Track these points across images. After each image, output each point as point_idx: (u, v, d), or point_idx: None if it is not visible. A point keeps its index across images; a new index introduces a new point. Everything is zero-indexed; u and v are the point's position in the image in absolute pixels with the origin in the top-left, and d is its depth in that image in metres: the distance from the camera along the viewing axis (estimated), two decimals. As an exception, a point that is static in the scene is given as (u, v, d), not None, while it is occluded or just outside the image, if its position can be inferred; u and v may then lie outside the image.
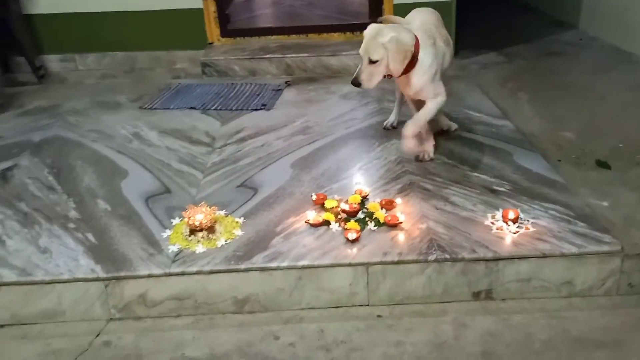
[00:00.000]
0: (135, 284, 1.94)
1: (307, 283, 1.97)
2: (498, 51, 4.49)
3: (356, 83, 2.25)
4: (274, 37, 4.34)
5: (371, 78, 2.25)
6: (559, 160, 2.65)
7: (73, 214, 2.30)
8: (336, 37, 4.32)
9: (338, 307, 2.00)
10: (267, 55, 4.02)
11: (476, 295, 2.00)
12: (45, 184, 2.56)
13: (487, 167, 2.55)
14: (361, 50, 2.26)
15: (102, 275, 1.93)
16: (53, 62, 4.26)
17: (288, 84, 3.85)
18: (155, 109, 3.45)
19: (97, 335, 1.91)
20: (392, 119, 2.99)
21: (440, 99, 2.49)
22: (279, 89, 3.74)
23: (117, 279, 1.93)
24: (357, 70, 2.28)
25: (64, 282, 1.93)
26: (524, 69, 4.09)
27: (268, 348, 1.83)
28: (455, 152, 2.70)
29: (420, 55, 2.35)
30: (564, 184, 2.38)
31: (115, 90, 3.78)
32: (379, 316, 1.96)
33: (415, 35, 2.34)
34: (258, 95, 3.66)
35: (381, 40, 2.22)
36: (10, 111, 3.47)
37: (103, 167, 2.71)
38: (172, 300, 1.97)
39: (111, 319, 1.97)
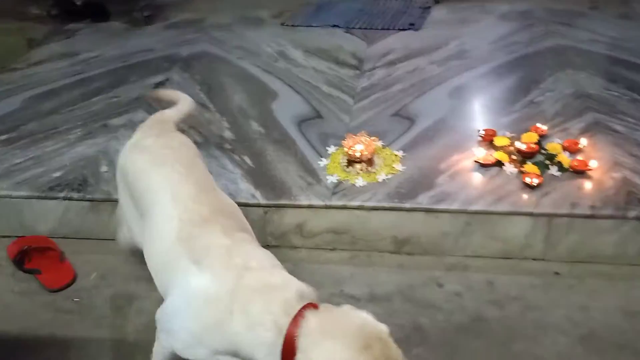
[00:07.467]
0: (294, 213, 1.88)
1: (477, 230, 1.79)
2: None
3: None
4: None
5: None
6: None
7: (227, 134, 2.26)
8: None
9: (507, 258, 1.81)
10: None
11: (677, 261, 1.71)
12: (197, 100, 2.54)
13: (693, 108, 2.14)
14: None
15: (263, 201, 1.88)
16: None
17: (437, 1, 3.49)
18: (297, 25, 3.29)
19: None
20: None
21: None
22: (427, 7, 3.40)
23: (277, 206, 1.87)
24: None
25: (224, 205, 1.91)
26: None
27: (432, 295, 1.71)
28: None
29: None
30: None
31: (257, 4, 3.64)
32: (556, 273, 1.75)
33: None
34: (404, 13, 3.37)
35: None
36: (158, 23, 3.47)
37: (252, 86, 2.63)
38: (329, 233, 1.88)
39: (267, 245, 1.94)
